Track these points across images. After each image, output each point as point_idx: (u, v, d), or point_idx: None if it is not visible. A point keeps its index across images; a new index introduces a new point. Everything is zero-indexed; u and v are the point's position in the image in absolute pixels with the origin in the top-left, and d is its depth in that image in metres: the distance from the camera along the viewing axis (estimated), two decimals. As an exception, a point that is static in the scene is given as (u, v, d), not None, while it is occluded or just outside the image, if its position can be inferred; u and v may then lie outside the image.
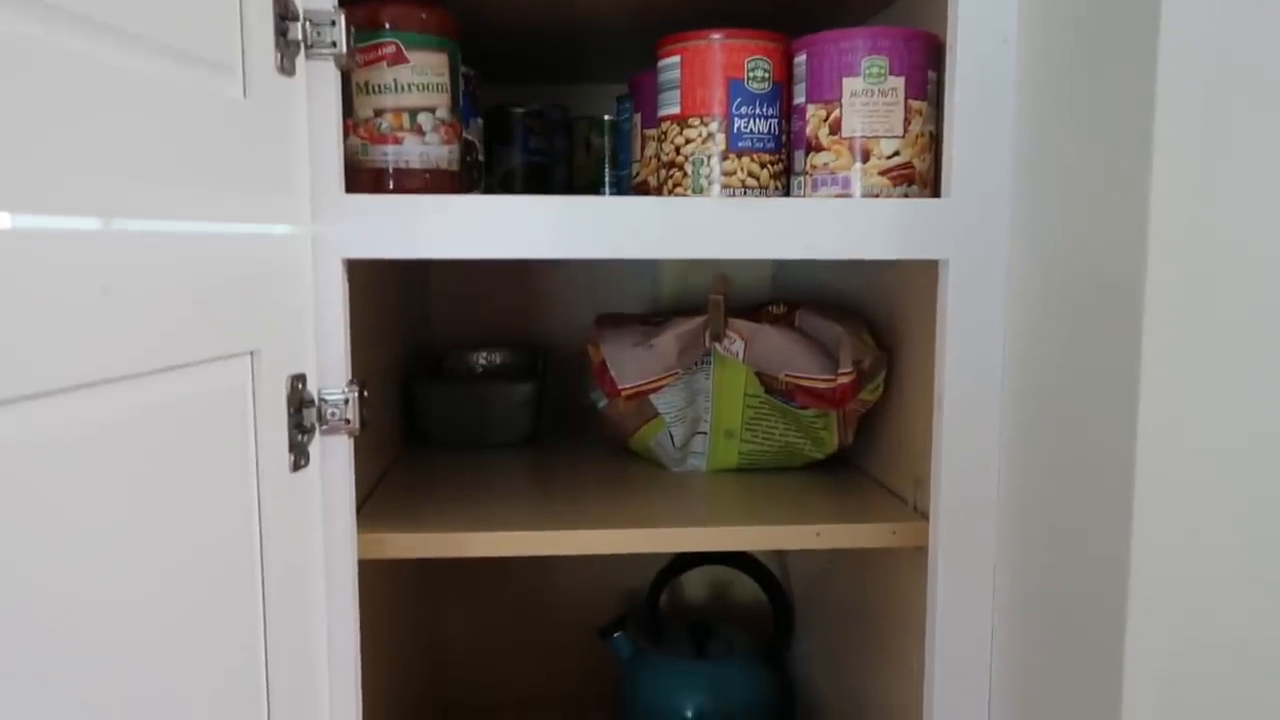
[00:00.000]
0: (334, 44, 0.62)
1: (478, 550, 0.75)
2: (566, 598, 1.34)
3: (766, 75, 0.74)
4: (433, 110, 0.73)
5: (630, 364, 0.90)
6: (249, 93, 0.56)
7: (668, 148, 0.76)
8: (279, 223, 0.60)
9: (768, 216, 0.70)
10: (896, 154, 0.72)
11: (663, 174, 0.77)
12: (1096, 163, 0.60)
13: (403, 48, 0.71)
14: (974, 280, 0.71)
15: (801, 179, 0.75)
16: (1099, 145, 0.59)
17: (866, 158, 0.72)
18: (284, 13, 0.59)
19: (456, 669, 1.34)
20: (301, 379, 0.62)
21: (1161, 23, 0.53)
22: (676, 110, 0.75)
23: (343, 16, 0.62)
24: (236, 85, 0.55)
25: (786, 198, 0.75)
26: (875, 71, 0.71)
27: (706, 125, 0.74)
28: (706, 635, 1.19)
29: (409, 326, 1.13)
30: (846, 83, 0.72)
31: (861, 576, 0.96)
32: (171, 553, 0.48)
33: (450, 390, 1.08)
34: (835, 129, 0.73)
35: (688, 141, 0.75)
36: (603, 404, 0.96)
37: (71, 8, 0.41)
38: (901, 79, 0.72)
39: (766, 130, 0.75)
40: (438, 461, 1.00)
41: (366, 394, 0.67)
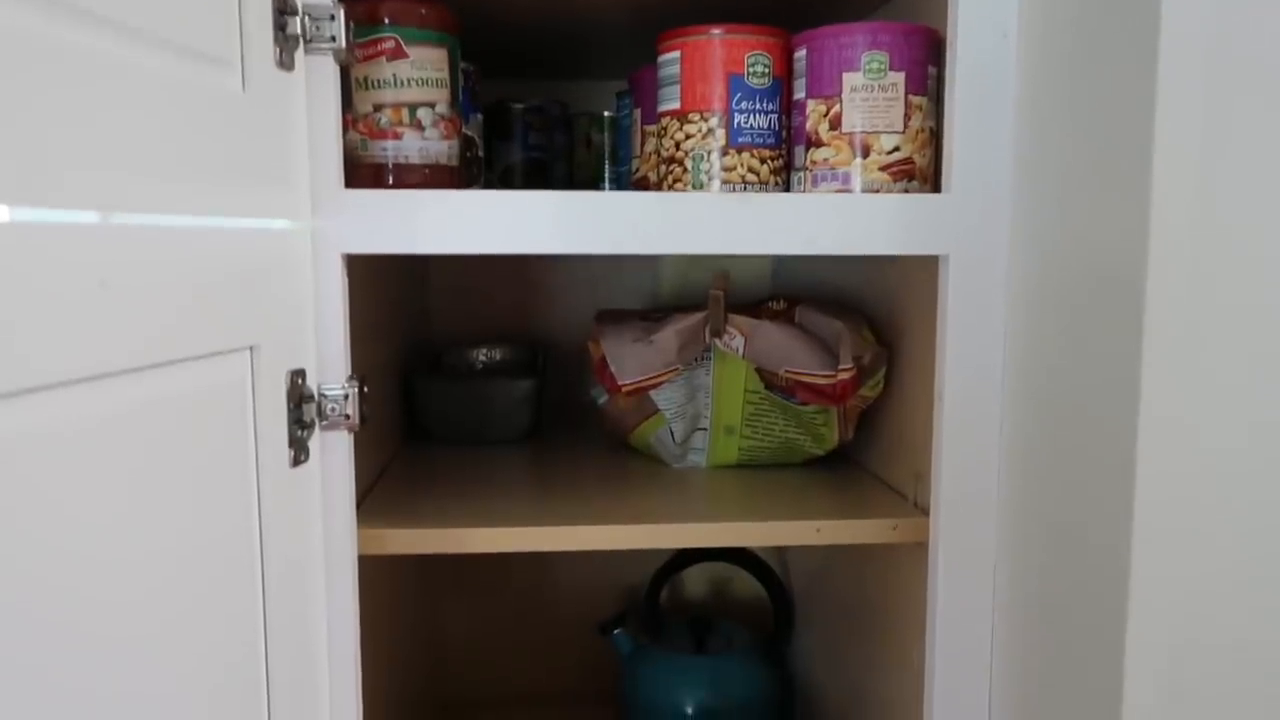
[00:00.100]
0: (333, 39, 0.62)
1: (478, 546, 0.75)
2: (566, 594, 1.34)
3: (766, 70, 0.74)
4: (432, 105, 0.73)
5: (630, 360, 0.90)
6: (248, 87, 0.56)
7: (667, 143, 0.76)
8: (278, 217, 0.60)
9: (768, 212, 0.70)
10: (897, 149, 0.72)
11: (663, 169, 0.77)
12: (1097, 157, 0.60)
13: (402, 43, 0.71)
14: (974, 276, 0.71)
15: (802, 174, 0.75)
16: (1100, 140, 0.59)
17: (867, 153, 0.72)
18: (283, 7, 0.59)
19: (456, 665, 1.34)
20: (301, 374, 0.62)
21: (1162, 17, 0.53)
22: (676, 106, 0.75)
23: (342, 11, 0.62)
24: (235, 79, 0.55)
25: (787, 193, 0.75)
26: (875, 67, 0.71)
27: (706, 121, 0.74)
28: (707, 631, 1.19)
29: (409, 322, 1.13)
30: (847, 78, 0.72)
31: (861, 572, 0.96)
32: (171, 548, 0.48)
33: (450, 386, 1.08)
34: (835, 124, 0.72)
35: (688, 137, 0.75)
36: (603, 400, 0.96)
37: (73, 0, 0.41)
38: (902, 74, 0.71)
39: (766, 126, 0.74)
40: (438, 457, 1.00)
41: (366, 389, 0.67)
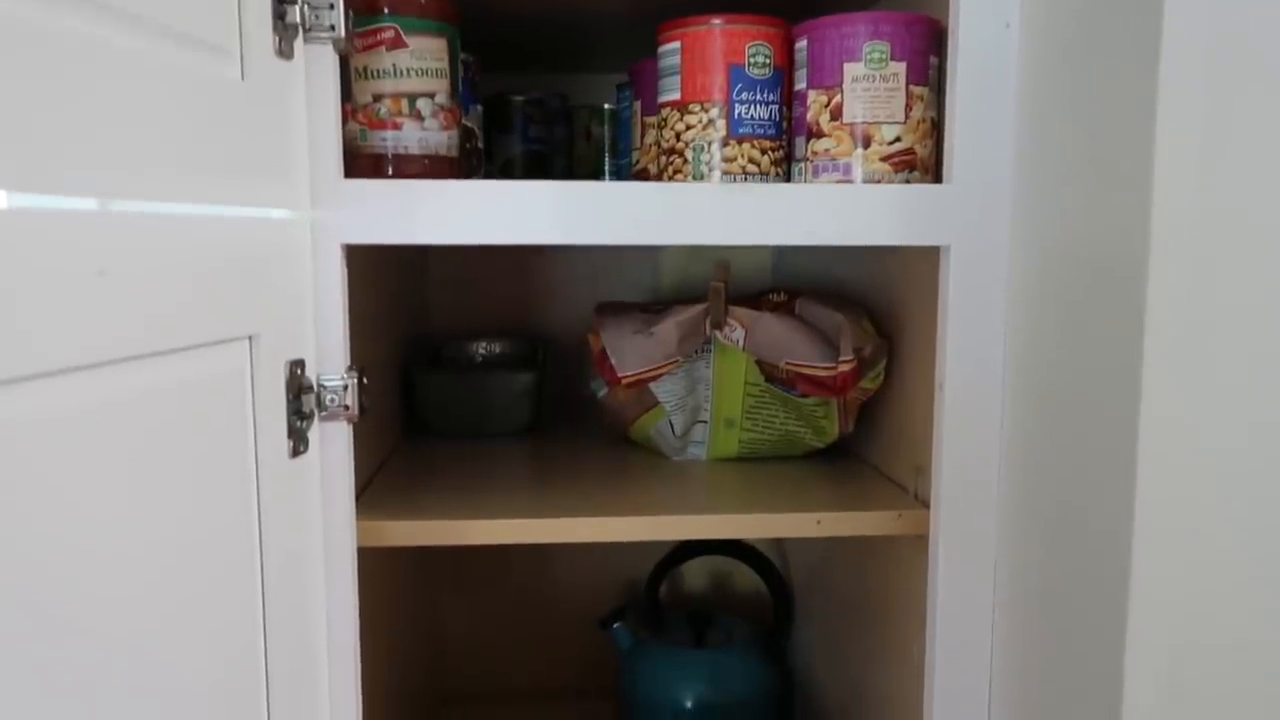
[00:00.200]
0: (332, 27, 0.62)
1: (478, 538, 0.75)
2: (566, 588, 1.34)
3: (767, 61, 0.74)
4: (432, 96, 0.73)
5: (630, 352, 0.89)
6: (247, 76, 0.56)
7: (668, 134, 0.76)
8: (277, 207, 0.60)
9: (768, 203, 0.69)
10: (898, 140, 0.72)
11: (663, 161, 0.76)
12: (1099, 148, 0.59)
13: (401, 32, 0.71)
14: (975, 267, 0.71)
15: (802, 165, 0.74)
16: (1102, 130, 0.59)
17: (868, 144, 0.72)
18: (282, -5, 0.59)
19: (456, 659, 1.34)
20: (300, 364, 0.62)
21: (1165, 8, 0.53)
22: (677, 96, 0.75)
23: (341, 0, 0.62)
24: (234, 68, 0.55)
25: (787, 184, 0.75)
26: (877, 57, 0.71)
27: (707, 111, 0.74)
28: (706, 625, 1.19)
29: (408, 316, 1.13)
30: (848, 68, 0.72)
31: (861, 566, 0.96)
32: (170, 537, 0.48)
33: (450, 380, 1.08)
34: (836, 115, 0.72)
35: (688, 128, 0.74)
36: (603, 393, 0.96)
37: (68, -14, 0.41)
38: (903, 64, 0.71)
39: (767, 116, 0.74)
40: (437, 451, 0.99)
41: (366, 381, 0.67)
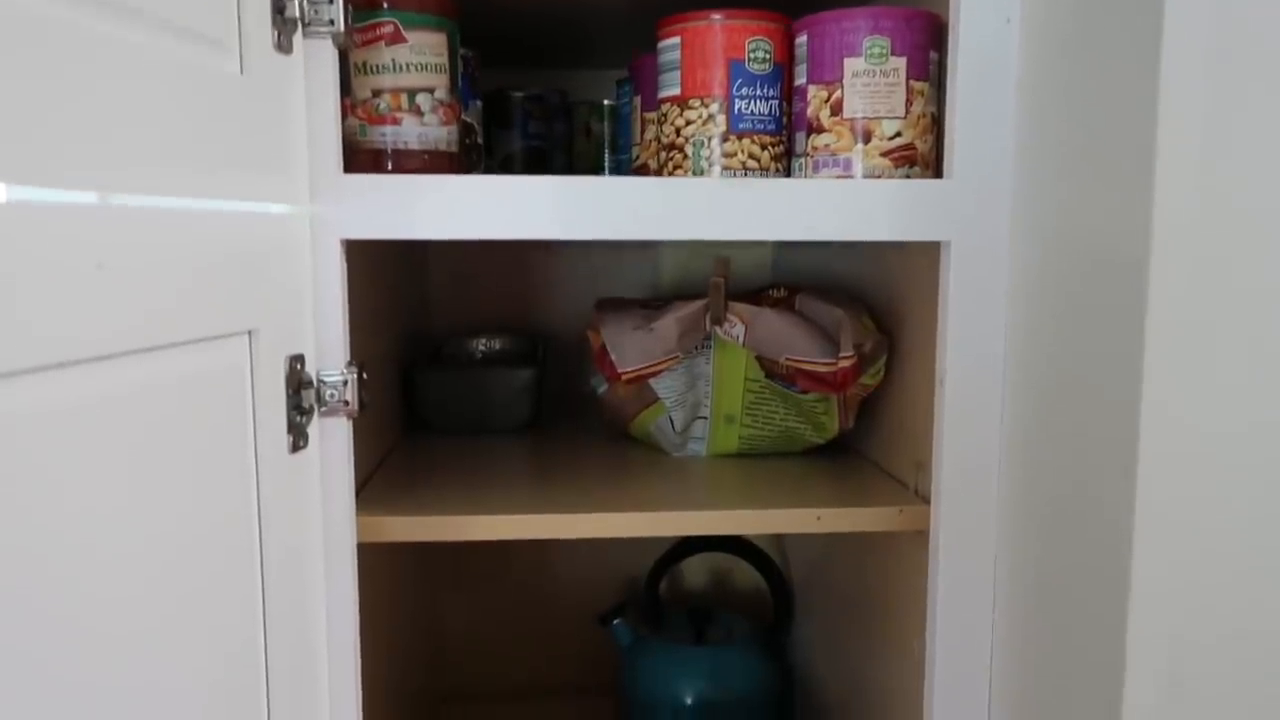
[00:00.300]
0: (331, 22, 0.62)
1: (478, 533, 0.74)
2: (566, 585, 1.34)
3: (767, 56, 0.73)
4: (431, 91, 0.73)
5: (630, 347, 0.89)
6: (246, 70, 0.55)
7: (668, 130, 0.75)
8: (277, 201, 0.60)
9: (768, 198, 0.69)
10: (898, 135, 0.72)
11: (663, 156, 0.76)
12: (1100, 142, 0.59)
13: (401, 27, 0.71)
14: (976, 262, 0.71)
15: (802, 160, 0.74)
16: (1102, 126, 0.59)
17: (868, 139, 0.72)
18: (281, -10, 0.59)
19: (456, 655, 1.34)
20: (300, 360, 0.62)
21: (1166, 2, 0.52)
22: (677, 92, 0.75)
23: (340, -6, 0.62)
24: (234, 62, 0.55)
25: (787, 179, 0.74)
26: (877, 52, 0.71)
27: (707, 107, 0.74)
28: (706, 622, 1.19)
29: (408, 312, 1.13)
30: (848, 63, 0.71)
31: (861, 562, 0.96)
32: (170, 532, 0.48)
33: (450, 376, 1.08)
34: (836, 110, 0.72)
35: (688, 123, 0.74)
36: (602, 389, 0.95)
37: (66, -21, 0.41)
38: (903, 59, 0.71)
39: (767, 111, 0.74)
40: (437, 447, 0.99)
41: (365, 376, 0.67)
